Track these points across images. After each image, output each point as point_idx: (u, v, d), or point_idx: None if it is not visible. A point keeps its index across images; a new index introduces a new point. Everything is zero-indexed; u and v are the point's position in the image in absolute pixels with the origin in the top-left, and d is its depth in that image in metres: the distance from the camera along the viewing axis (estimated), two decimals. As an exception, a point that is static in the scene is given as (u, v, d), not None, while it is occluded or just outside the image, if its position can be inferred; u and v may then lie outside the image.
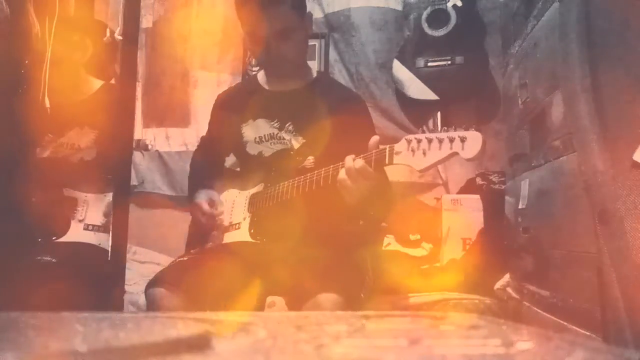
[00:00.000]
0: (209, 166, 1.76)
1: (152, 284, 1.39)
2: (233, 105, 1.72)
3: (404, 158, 1.25)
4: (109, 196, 1.75)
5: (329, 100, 1.59)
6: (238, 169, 1.74)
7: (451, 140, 1.18)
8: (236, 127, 1.65)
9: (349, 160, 1.29)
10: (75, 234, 1.74)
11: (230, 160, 1.82)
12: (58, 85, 1.58)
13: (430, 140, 1.21)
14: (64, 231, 1.73)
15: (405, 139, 1.26)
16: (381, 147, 1.30)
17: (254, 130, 1.63)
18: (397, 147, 1.26)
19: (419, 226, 2.29)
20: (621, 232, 0.89)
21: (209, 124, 1.84)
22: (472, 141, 1.17)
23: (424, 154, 1.22)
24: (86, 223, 1.76)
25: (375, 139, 1.31)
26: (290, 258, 1.43)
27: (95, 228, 1.76)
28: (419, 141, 1.23)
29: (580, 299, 1.05)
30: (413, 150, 1.23)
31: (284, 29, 1.51)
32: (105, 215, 1.77)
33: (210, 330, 0.45)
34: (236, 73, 2.71)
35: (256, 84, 1.71)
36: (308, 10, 1.63)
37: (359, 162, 1.28)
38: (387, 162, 1.27)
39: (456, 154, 1.18)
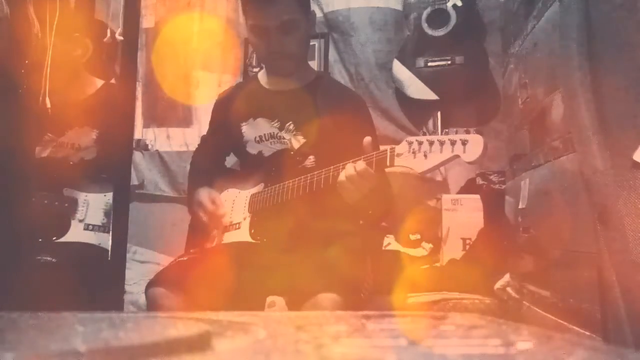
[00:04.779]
0: (209, 165, 1.76)
1: (152, 284, 1.39)
2: (233, 104, 1.72)
3: (405, 160, 1.24)
4: (109, 196, 1.75)
5: (329, 100, 1.60)
6: (238, 169, 1.74)
7: (452, 142, 1.18)
8: (236, 126, 1.66)
9: (350, 162, 1.30)
10: (75, 234, 1.74)
11: (231, 159, 1.82)
12: (58, 85, 1.57)
13: (431, 143, 1.21)
14: (64, 231, 1.73)
15: (406, 141, 1.25)
16: (382, 148, 1.30)
17: (254, 130, 1.63)
18: (398, 149, 1.26)
19: (419, 226, 2.29)
20: (621, 232, 0.89)
21: (210, 123, 1.84)
22: (474, 144, 1.16)
23: (425, 156, 1.22)
24: (86, 223, 1.76)
25: (367, 139, 1.31)
26: (290, 258, 1.43)
27: (95, 228, 1.76)
28: (420, 143, 1.23)
29: (580, 299, 1.05)
30: (414, 152, 1.23)
31: (288, 21, 1.51)
32: (105, 215, 1.77)
33: (210, 330, 0.44)
34: (237, 74, 2.71)
35: (256, 83, 1.71)
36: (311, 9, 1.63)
37: (360, 164, 1.28)
38: (388, 164, 1.27)
39: (457, 156, 1.18)
